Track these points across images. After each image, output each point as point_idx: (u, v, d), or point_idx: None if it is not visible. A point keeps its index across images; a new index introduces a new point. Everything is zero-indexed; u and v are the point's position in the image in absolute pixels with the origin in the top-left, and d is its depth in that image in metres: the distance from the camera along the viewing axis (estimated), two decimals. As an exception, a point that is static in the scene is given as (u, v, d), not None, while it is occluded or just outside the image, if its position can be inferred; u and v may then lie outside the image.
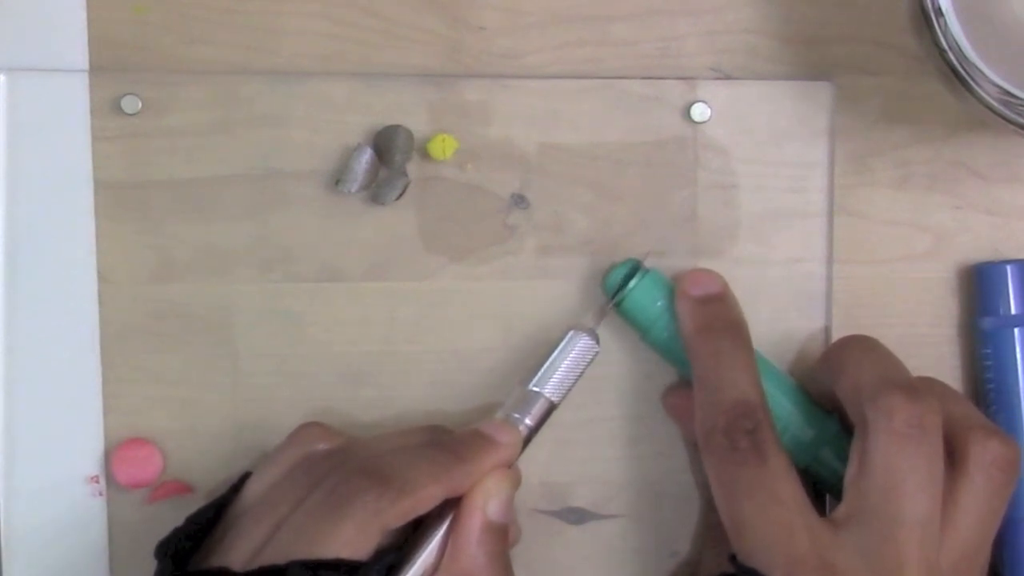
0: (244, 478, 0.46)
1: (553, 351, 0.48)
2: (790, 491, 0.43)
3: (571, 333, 0.48)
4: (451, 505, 0.44)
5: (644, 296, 0.48)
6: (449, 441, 0.46)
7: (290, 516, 0.42)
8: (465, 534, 0.44)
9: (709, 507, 0.50)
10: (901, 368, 0.45)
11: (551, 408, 0.47)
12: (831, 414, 0.48)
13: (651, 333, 0.49)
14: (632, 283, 0.48)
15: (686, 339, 0.47)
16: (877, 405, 0.43)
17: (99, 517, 0.50)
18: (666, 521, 0.51)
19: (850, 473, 0.44)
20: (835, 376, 0.46)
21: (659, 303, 0.48)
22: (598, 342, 0.48)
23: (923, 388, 0.44)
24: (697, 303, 0.48)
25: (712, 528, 0.50)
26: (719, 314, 0.48)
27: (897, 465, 0.42)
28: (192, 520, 0.44)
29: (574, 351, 0.48)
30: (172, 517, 0.45)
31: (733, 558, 0.43)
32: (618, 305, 0.49)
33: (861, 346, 0.46)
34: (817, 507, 0.44)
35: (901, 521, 0.42)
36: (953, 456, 0.44)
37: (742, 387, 0.45)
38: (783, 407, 0.48)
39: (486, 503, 0.44)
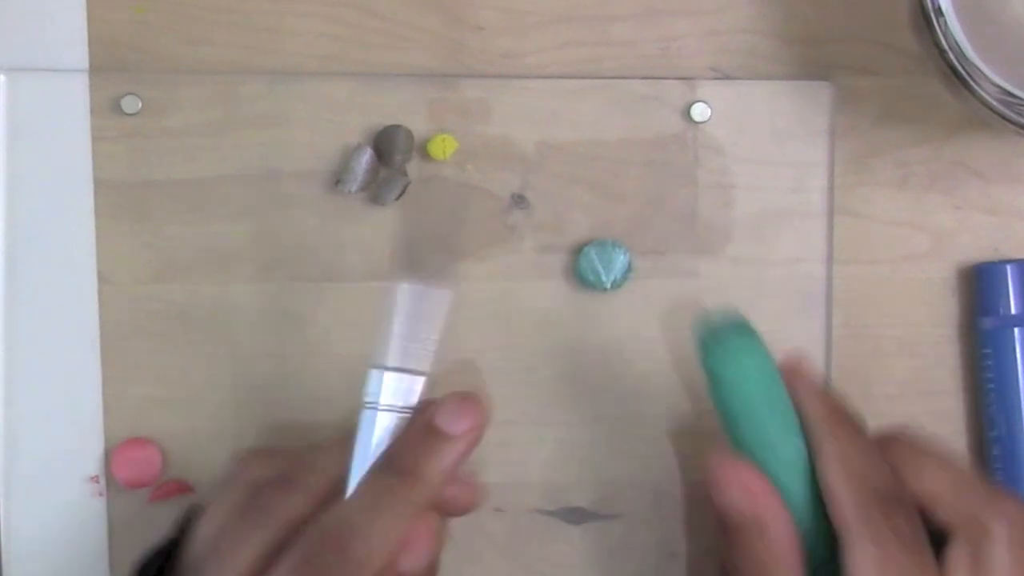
0: (189, 514, 0.44)
1: (391, 317, 0.41)
2: None
3: (399, 288, 0.41)
4: None
5: (756, 384, 0.43)
6: (402, 465, 0.42)
7: None
8: None
9: (715, 519, 0.50)
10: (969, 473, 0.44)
11: (425, 380, 0.42)
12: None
13: (744, 416, 0.43)
14: (748, 367, 0.42)
15: (817, 418, 0.44)
16: (997, 516, 0.41)
17: (99, 517, 0.50)
18: (666, 521, 0.51)
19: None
20: (908, 475, 0.43)
21: (763, 387, 0.43)
22: (443, 287, 0.41)
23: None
24: (814, 384, 0.45)
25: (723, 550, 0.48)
26: (840, 401, 0.45)
27: None
28: (140, 571, 0.43)
29: (416, 307, 0.41)
30: (172, 517, 0.45)
31: None
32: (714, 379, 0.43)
33: (932, 453, 0.44)
34: None
35: None
36: None
37: (888, 472, 0.43)
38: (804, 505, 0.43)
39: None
